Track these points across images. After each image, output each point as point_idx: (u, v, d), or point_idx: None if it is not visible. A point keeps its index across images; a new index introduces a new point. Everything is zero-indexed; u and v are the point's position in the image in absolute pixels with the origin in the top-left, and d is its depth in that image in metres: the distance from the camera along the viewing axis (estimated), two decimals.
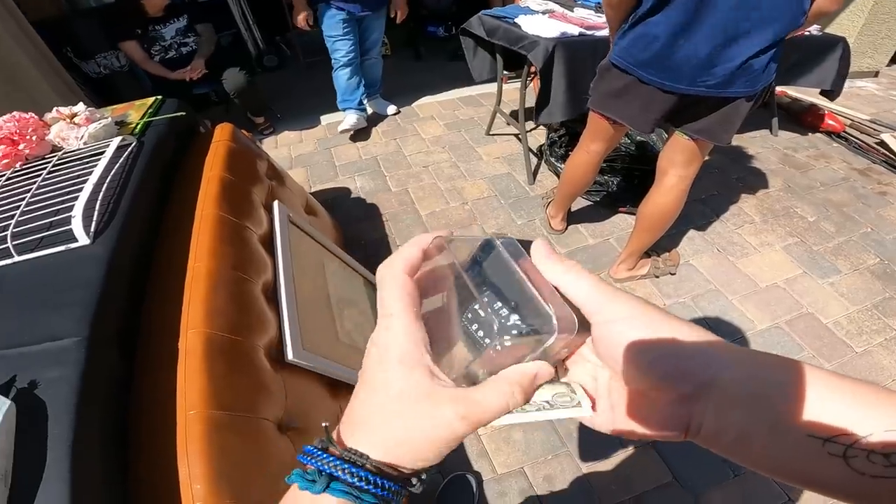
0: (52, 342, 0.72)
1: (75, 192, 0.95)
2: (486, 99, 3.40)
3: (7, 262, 0.86)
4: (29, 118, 1.15)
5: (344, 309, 1.44)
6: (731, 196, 2.32)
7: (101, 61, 3.17)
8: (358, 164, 2.77)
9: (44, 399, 0.66)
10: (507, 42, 2.13)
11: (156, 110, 1.42)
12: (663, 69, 1.27)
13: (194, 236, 1.04)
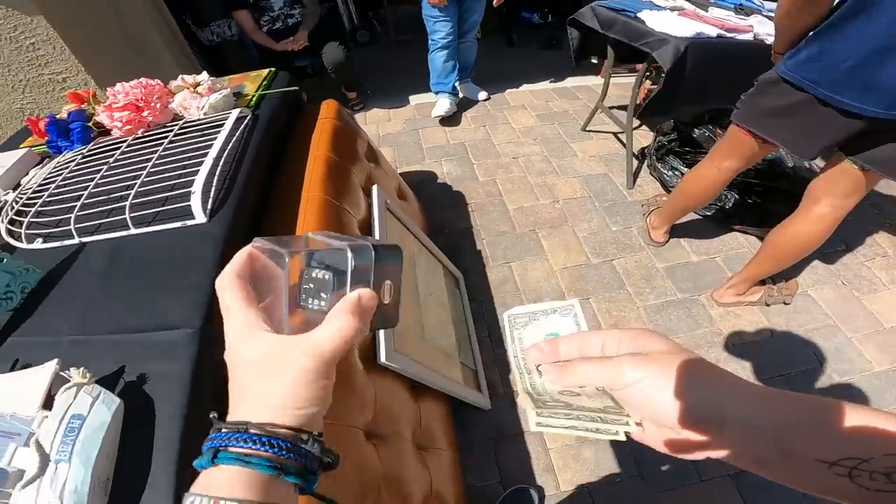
0: (165, 331, 0.68)
1: (194, 167, 0.93)
2: (582, 92, 3.21)
3: (122, 233, 0.84)
4: (155, 85, 1.15)
5: (429, 304, 1.39)
6: (864, 224, 2.05)
7: (215, 29, 3.25)
8: (445, 149, 2.69)
9: (152, 396, 0.63)
10: (625, 37, 1.96)
11: (269, 83, 1.40)
12: (858, 90, 1.09)
13: (300, 218, 1.00)
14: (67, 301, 0.75)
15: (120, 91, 1.12)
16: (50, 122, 1.11)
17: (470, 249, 2.01)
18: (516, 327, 0.45)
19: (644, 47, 1.84)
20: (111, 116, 1.08)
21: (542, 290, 1.82)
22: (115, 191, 0.92)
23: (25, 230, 0.87)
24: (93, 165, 1.02)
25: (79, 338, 0.69)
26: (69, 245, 0.85)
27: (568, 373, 0.35)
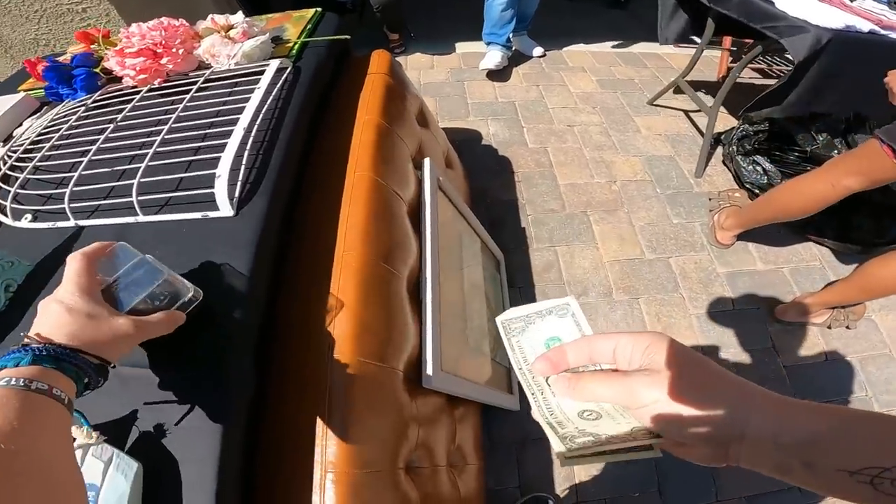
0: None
1: (221, 137, 0.73)
2: (650, 60, 2.86)
3: (128, 219, 0.67)
4: (178, 26, 0.93)
5: (471, 294, 1.22)
6: None
7: None
8: (493, 107, 2.42)
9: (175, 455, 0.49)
10: (744, 17, 1.62)
11: (315, 26, 1.16)
12: None
13: (344, 209, 0.81)
14: None
15: (136, 33, 0.90)
16: (49, 66, 0.90)
17: (513, 225, 1.82)
18: (513, 334, 0.41)
19: (769, 31, 1.52)
20: (122, 63, 0.88)
21: (588, 282, 1.64)
22: (120, 160, 0.74)
23: (11, 203, 0.69)
24: (97, 121, 0.83)
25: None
26: (63, 228, 0.67)
27: (578, 389, 0.34)
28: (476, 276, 1.33)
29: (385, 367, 0.69)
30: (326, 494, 0.54)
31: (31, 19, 1.82)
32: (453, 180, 1.48)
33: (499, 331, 0.41)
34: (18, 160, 0.77)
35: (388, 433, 0.67)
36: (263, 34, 1.00)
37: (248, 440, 0.55)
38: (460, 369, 0.97)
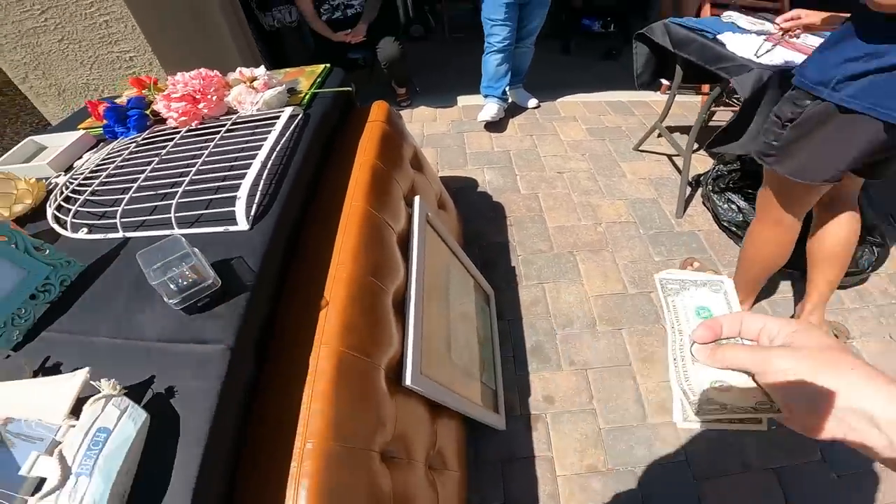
0: (198, 345, 0.68)
1: (242, 168, 0.92)
2: (638, 108, 3.12)
3: (166, 232, 0.84)
4: (213, 77, 1.16)
5: (458, 321, 1.37)
6: None
7: (276, 14, 3.30)
8: (489, 156, 2.65)
9: (178, 412, 0.62)
10: (701, 59, 1.85)
11: (324, 80, 1.39)
12: None
13: (340, 232, 0.99)
14: (105, 299, 0.75)
15: (179, 80, 1.13)
16: (109, 107, 1.12)
17: (504, 265, 1.98)
18: (669, 294, 0.48)
19: (721, 72, 1.74)
20: (168, 106, 1.10)
21: (573, 314, 1.77)
22: (162, 186, 0.93)
23: (72, 218, 0.88)
24: (145, 156, 1.03)
25: (112, 341, 0.69)
26: (113, 238, 0.85)
27: (719, 356, 0.40)
28: (464, 305, 1.47)
29: (367, 361, 0.84)
30: (304, 461, 0.67)
31: (84, 64, 2.06)
32: (446, 221, 1.65)
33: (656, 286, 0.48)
34: (78, 186, 0.96)
35: (366, 417, 0.80)
36: (281, 85, 1.22)
37: (241, 411, 0.70)
38: (442, 379, 1.11)
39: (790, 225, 1.42)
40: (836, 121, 1.13)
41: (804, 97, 1.18)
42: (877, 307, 1.79)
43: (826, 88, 1.11)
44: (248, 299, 0.73)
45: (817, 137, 1.18)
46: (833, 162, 1.20)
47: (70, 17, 1.90)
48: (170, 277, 0.66)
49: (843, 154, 1.17)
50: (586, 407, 1.51)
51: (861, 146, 1.14)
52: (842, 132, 1.14)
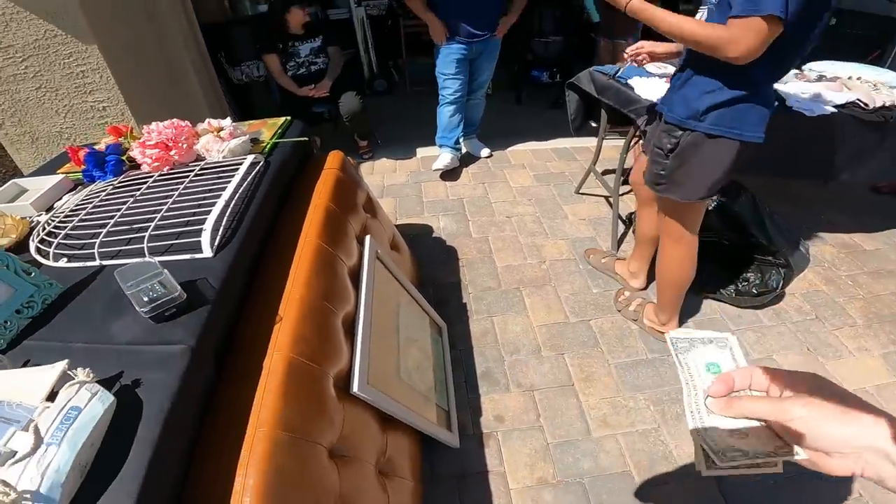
0: (164, 346, 0.81)
1: (208, 206, 1.08)
2: (581, 154, 3.41)
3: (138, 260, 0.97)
4: (184, 127, 1.32)
5: (409, 347, 1.50)
6: (836, 294, 2.18)
7: (245, 69, 3.52)
8: (444, 204, 2.87)
9: (142, 398, 0.73)
10: (617, 103, 2.10)
11: (284, 131, 1.57)
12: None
13: (295, 262, 1.14)
14: (82, 314, 0.88)
15: (154, 129, 1.29)
16: (89, 153, 1.27)
17: (456, 302, 2.14)
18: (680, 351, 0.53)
19: (632, 114, 1.97)
20: (143, 153, 1.25)
21: (519, 342, 1.93)
22: (137, 221, 1.07)
23: (54, 250, 1.00)
24: (120, 196, 1.17)
25: (86, 345, 0.82)
26: (90, 266, 0.98)
27: (735, 406, 0.45)
28: (414, 333, 1.61)
29: (316, 368, 0.97)
30: (255, 445, 0.78)
31: (59, 113, 2.15)
32: (399, 262, 1.81)
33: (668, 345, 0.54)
34: (60, 223, 1.09)
35: (313, 414, 0.92)
36: (245, 135, 1.39)
37: (199, 403, 0.82)
38: (389, 393, 1.24)
39: (689, 241, 1.65)
40: (705, 145, 1.38)
41: (676, 129, 1.42)
42: (793, 323, 2.01)
43: (694, 120, 1.36)
44: (209, 311, 0.87)
45: (694, 162, 1.42)
46: (711, 178, 1.44)
47: (49, 65, 2.01)
48: (142, 289, 0.80)
49: (717, 172, 1.42)
50: (534, 424, 1.64)
51: (727, 163, 1.40)
52: (712, 154, 1.39)
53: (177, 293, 0.84)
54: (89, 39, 1.99)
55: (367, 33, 4.87)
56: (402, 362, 1.40)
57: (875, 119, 1.91)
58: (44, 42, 1.97)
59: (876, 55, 3.74)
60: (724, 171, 1.42)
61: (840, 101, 1.92)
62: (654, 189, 1.57)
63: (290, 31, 3.08)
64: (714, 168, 1.42)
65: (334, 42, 3.28)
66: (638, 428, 1.62)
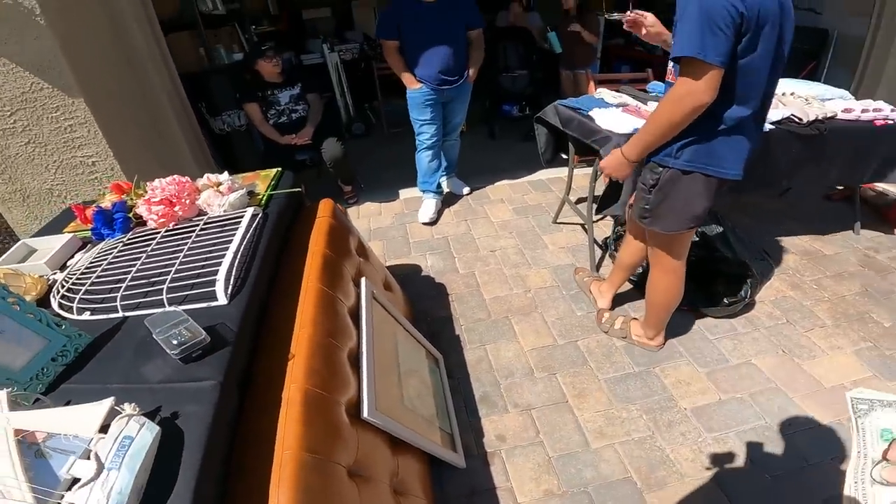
0: (194, 382, 0.91)
1: (217, 258, 1.19)
2: (556, 184, 3.59)
3: (159, 310, 1.07)
4: (185, 182, 1.43)
5: (409, 378, 1.60)
6: (803, 299, 2.33)
7: (226, 119, 3.59)
8: (430, 243, 3.00)
9: (182, 429, 0.83)
10: (580, 134, 2.24)
11: (277, 182, 1.69)
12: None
13: (300, 304, 1.25)
14: (113, 359, 0.98)
15: (158, 186, 1.39)
16: (98, 211, 1.37)
17: (449, 334, 2.25)
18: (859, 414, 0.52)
19: (594, 144, 2.12)
20: (149, 209, 1.36)
21: (513, 367, 2.04)
22: (153, 275, 1.17)
23: (77, 304, 1.10)
24: (133, 252, 1.28)
25: (123, 386, 0.91)
26: (113, 318, 1.08)
27: None
28: (413, 365, 1.71)
29: (329, 397, 1.07)
30: (283, 465, 0.87)
31: (49, 169, 2.15)
32: (392, 300, 1.92)
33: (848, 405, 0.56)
34: (78, 280, 1.19)
35: (330, 437, 1.02)
36: (242, 188, 1.51)
37: (230, 430, 0.92)
38: (396, 417, 1.33)
39: (678, 268, 1.79)
40: (683, 180, 1.51)
41: (657, 166, 1.55)
42: (766, 329, 2.16)
43: (670, 157, 1.49)
44: (231, 351, 0.98)
45: (675, 196, 1.55)
46: (692, 212, 1.57)
47: (37, 119, 2.02)
48: (170, 334, 0.90)
49: (696, 205, 1.55)
50: (534, 440, 1.73)
51: (705, 197, 1.53)
52: (690, 188, 1.52)
53: (202, 336, 0.94)
54: (75, 92, 2.02)
55: (341, 77, 5.03)
56: (405, 391, 1.50)
57: (809, 132, 2.10)
58: (31, 95, 1.99)
59: (812, 67, 4.08)
60: (704, 204, 1.55)
61: (776, 118, 2.12)
62: (641, 222, 1.70)
63: (268, 79, 3.19)
64: (693, 201, 1.55)
65: (313, 88, 3.39)
66: (633, 436, 1.72)
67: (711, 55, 1.21)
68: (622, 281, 2.22)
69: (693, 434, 1.71)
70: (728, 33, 1.20)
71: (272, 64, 3.14)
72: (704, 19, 1.20)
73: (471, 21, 2.93)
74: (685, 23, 1.24)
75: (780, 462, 1.60)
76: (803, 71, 4.05)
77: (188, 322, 0.93)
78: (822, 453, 1.60)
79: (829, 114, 2.23)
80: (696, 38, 1.21)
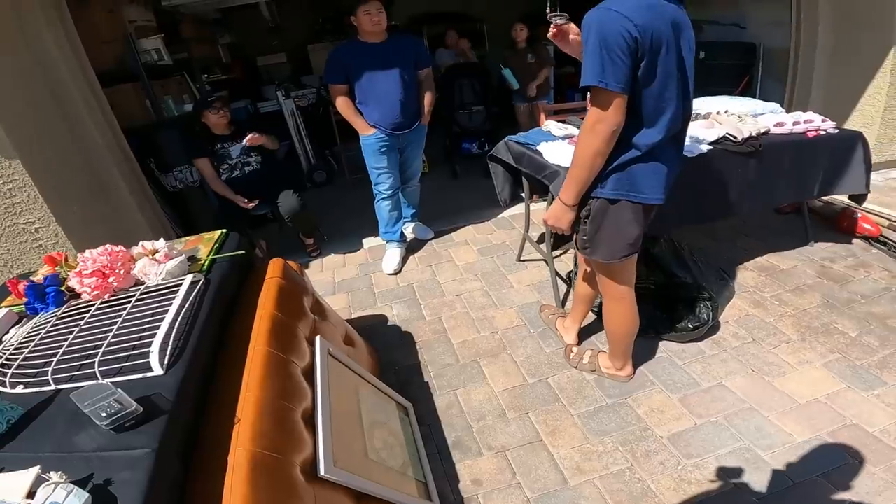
0: (128, 451, 0.89)
1: (153, 329, 1.18)
2: (518, 221, 3.64)
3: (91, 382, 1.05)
4: (119, 252, 1.41)
5: (374, 429, 1.57)
6: (766, 316, 2.37)
7: (178, 175, 3.51)
8: (395, 292, 2.99)
9: (116, 495, 0.81)
10: (531, 170, 2.26)
11: (220, 245, 1.68)
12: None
13: (247, 369, 1.22)
14: (46, 430, 0.97)
15: (89, 257, 1.37)
16: (28, 286, 1.36)
17: (418, 382, 2.23)
18: None
19: (544, 180, 2.14)
20: (81, 282, 1.34)
21: (484, 410, 2.02)
22: (86, 348, 1.15)
23: (10, 379, 1.09)
24: (66, 326, 1.26)
25: (56, 454, 0.90)
26: (46, 391, 1.07)
27: None
28: (379, 416, 1.67)
29: (280, 458, 1.04)
30: None
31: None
32: (353, 355, 1.90)
33: None
34: (11, 355, 1.18)
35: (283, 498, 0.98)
36: (181, 255, 1.50)
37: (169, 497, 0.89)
38: (360, 472, 1.29)
39: (626, 294, 1.82)
40: (611, 209, 1.56)
41: (587, 196, 1.58)
42: (733, 349, 2.19)
43: (598, 187, 1.54)
44: (166, 420, 0.96)
45: (606, 225, 1.60)
46: (626, 239, 1.61)
47: None
48: (98, 406, 0.88)
49: (629, 231, 1.60)
50: (511, 482, 1.70)
51: (636, 223, 1.58)
52: (619, 216, 1.57)
53: (132, 407, 0.92)
54: (11, 154, 1.97)
55: (299, 124, 5.02)
56: (370, 444, 1.47)
57: (745, 150, 2.18)
58: None
59: (746, 81, 4.26)
60: (636, 230, 1.60)
61: (712, 138, 2.20)
62: (583, 253, 1.74)
63: (217, 132, 3.12)
64: (626, 228, 1.59)
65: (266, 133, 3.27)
66: (612, 470, 1.70)
67: (612, 83, 1.28)
68: (584, 314, 2.24)
69: (672, 462, 1.70)
70: (626, 60, 1.27)
71: (219, 115, 3.09)
72: (603, 48, 1.27)
73: (420, 60, 2.95)
74: (587, 54, 1.31)
75: (765, 483, 1.59)
76: (738, 86, 4.23)
77: (117, 394, 0.91)
78: (807, 471, 1.61)
79: (762, 129, 2.32)
80: (597, 68, 1.28)
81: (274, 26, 6.92)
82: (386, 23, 2.76)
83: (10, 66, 2.11)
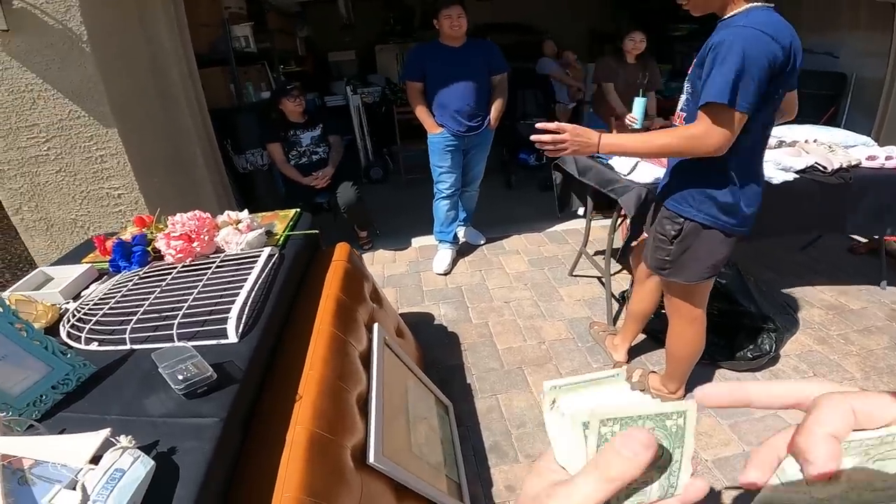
0: (196, 418, 0.88)
1: (231, 296, 1.17)
2: (571, 236, 3.57)
3: (167, 345, 1.05)
4: (206, 219, 1.43)
5: (418, 424, 1.54)
6: (830, 353, 2.24)
7: (249, 157, 3.63)
8: (444, 293, 2.97)
9: (179, 465, 0.79)
10: (598, 184, 2.22)
11: (295, 223, 1.69)
12: None
13: (311, 346, 1.22)
14: (115, 391, 0.96)
15: (178, 221, 1.40)
16: (118, 243, 1.38)
17: (460, 382, 2.19)
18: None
19: (612, 193, 2.09)
20: (168, 244, 1.35)
21: (525, 417, 1.97)
22: (164, 310, 1.16)
23: (85, 335, 1.08)
24: (147, 287, 1.27)
25: (122, 417, 0.88)
26: (121, 349, 1.06)
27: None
28: (422, 412, 1.65)
29: (334, 440, 1.02)
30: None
31: (76, 199, 2.14)
32: (404, 347, 1.87)
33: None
34: (90, 310, 1.18)
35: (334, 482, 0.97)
36: (261, 228, 1.51)
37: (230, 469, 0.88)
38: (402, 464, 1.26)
39: (699, 317, 1.73)
40: (703, 233, 1.50)
41: (677, 216, 1.53)
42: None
43: (691, 209, 1.49)
44: (237, 389, 0.94)
45: (696, 247, 1.53)
46: (711, 262, 1.55)
47: (70, 148, 2.02)
48: (176, 369, 0.87)
49: (719, 254, 1.54)
50: None
51: (727, 247, 1.52)
52: (711, 241, 1.51)
53: (209, 373, 0.91)
54: (110, 122, 2.02)
55: (362, 120, 5.07)
56: (413, 438, 1.44)
57: (834, 181, 2.06)
58: (67, 122, 1.99)
59: (832, 112, 4.02)
60: (725, 252, 1.54)
61: (800, 167, 2.08)
62: (659, 273, 1.67)
63: (291, 119, 3.26)
64: (716, 251, 1.53)
65: (334, 130, 3.44)
66: None
67: (742, 103, 1.23)
68: (636, 333, 2.16)
69: (717, 486, 1.64)
70: (763, 83, 1.23)
71: (296, 103, 3.21)
72: (743, 70, 1.21)
73: (495, 66, 2.96)
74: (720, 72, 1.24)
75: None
76: (823, 116, 3.99)
77: (196, 358, 0.90)
78: None
79: (853, 161, 2.19)
80: (728, 86, 1.22)
81: (347, 23, 7.01)
82: (465, 27, 2.78)
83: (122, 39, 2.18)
